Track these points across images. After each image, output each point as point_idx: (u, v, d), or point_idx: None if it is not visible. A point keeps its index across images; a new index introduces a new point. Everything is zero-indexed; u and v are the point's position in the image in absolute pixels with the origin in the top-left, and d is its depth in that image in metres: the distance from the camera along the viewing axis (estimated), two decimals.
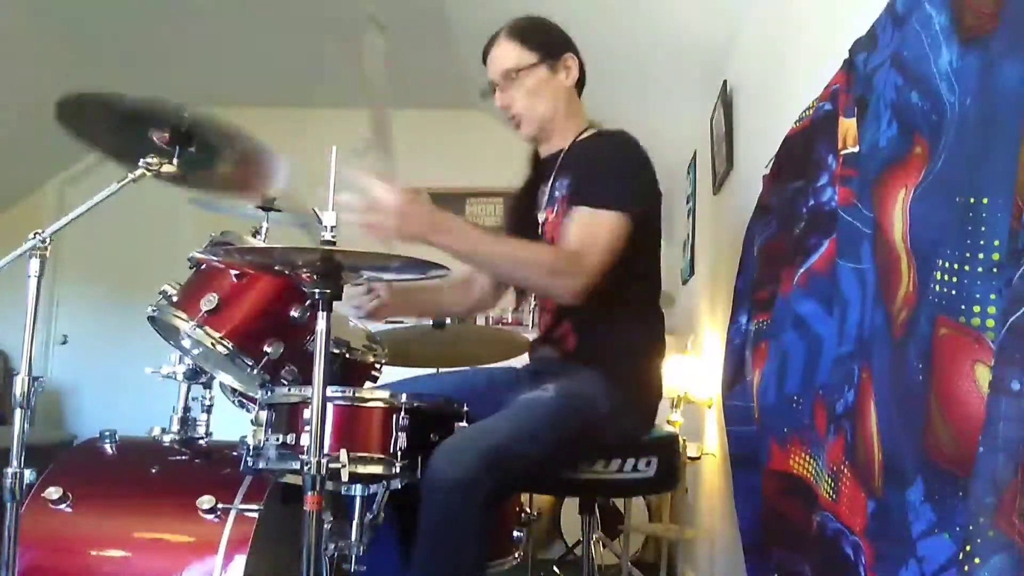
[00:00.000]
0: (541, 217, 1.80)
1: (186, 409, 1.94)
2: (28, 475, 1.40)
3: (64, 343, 5.17)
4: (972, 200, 0.84)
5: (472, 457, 1.37)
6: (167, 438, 1.89)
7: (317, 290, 1.25)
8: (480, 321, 4.54)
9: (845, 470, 1.16)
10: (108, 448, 1.87)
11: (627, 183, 1.65)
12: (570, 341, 1.71)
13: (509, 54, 1.76)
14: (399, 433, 1.44)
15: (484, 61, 1.82)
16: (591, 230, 1.61)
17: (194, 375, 1.91)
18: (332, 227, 1.22)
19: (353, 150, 1.44)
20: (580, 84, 1.82)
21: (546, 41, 1.79)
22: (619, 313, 1.69)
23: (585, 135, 1.78)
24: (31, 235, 1.41)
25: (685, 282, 3.92)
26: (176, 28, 4.16)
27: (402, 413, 1.46)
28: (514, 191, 1.94)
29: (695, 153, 3.65)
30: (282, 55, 4.25)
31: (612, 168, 1.68)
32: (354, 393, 1.48)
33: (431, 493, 1.37)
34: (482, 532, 1.39)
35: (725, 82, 2.79)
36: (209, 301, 1.67)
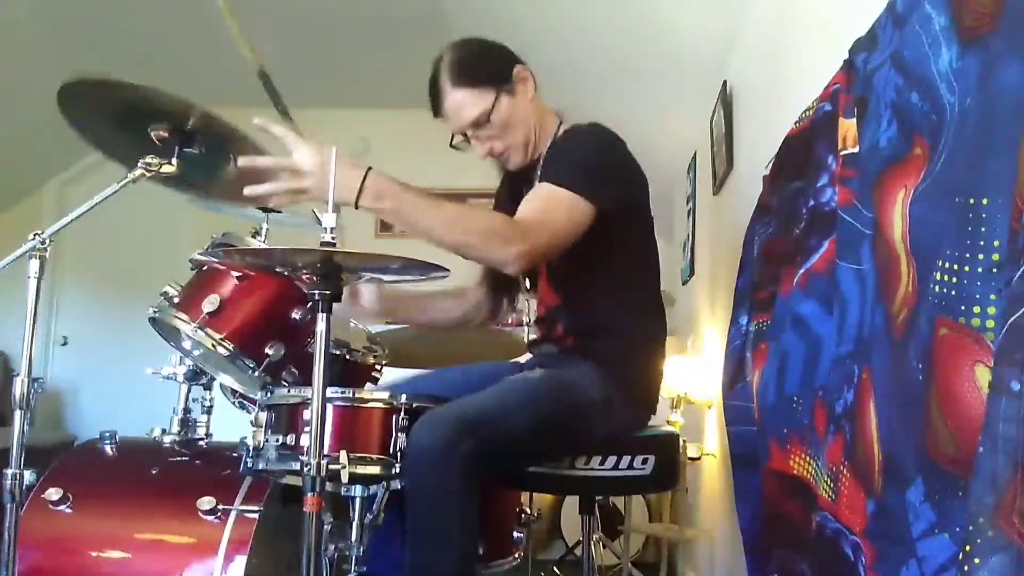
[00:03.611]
0: None
1: (186, 410, 1.94)
2: (28, 476, 1.40)
3: (64, 344, 5.18)
4: (972, 200, 0.84)
5: (447, 423, 1.39)
6: (167, 439, 1.89)
7: (317, 291, 1.26)
8: None
9: (844, 470, 1.16)
10: (108, 449, 1.87)
11: (592, 172, 1.59)
12: (568, 340, 1.71)
13: (465, 104, 1.66)
14: (399, 434, 1.45)
15: (435, 115, 1.72)
16: (545, 204, 1.56)
17: (194, 376, 1.91)
18: (332, 228, 1.22)
19: (352, 150, 1.44)
20: (535, 85, 1.74)
21: (492, 69, 1.68)
22: (615, 310, 1.68)
23: (561, 134, 1.74)
24: (30, 236, 1.41)
25: (685, 282, 3.92)
26: (176, 29, 4.16)
27: (402, 414, 1.46)
28: (497, 195, 1.90)
29: (695, 153, 3.65)
30: (281, 55, 4.26)
31: (579, 155, 1.64)
32: (354, 394, 1.49)
33: (412, 463, 1.39)
34: (466, 498, 1.38)
35: (725, 82, 2.79)
36: (211, 303, 1.67)
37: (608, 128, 1.68)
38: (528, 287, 1.85)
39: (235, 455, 1.69)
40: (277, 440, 1.47)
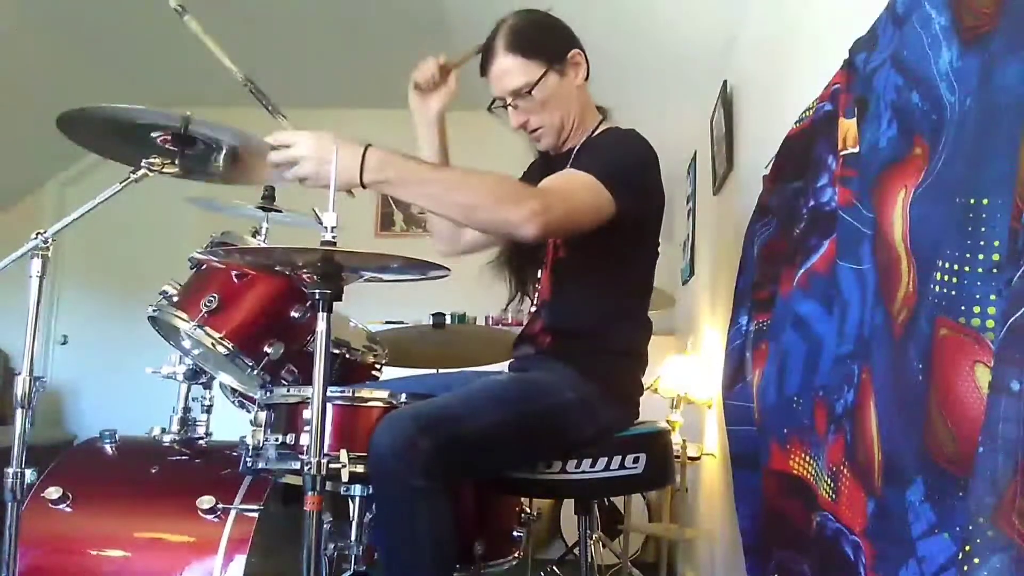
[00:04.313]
0: None
1: (186, 409, 1.94)
2: (28, 475, 1.40)
3: (64, 343, 5.18)
4: (972, 200, 0.84)
5: (406, 422, 1.36)
6: (167, 438, 1.90)
7: (317, 290, 1.26)
8: (480, 321, 4.55)
9: (845, 470, 1.16)
10: (108, 448, 1.87)
11: (621, 174, 1.57)
12: (545, 339, 1.69)
13: (514, 71, 1.64)
14: None
15: (482, 74, 1.69)
16: (569, 180, 1.54)
17: (194, 375, 1.92)
18: (332, 227, 1.22)
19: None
20: (587, 74, 1.73)
21: (549, 45, 1.66)
22: (597, 317, 1.66)
23: (599, 131, 1.73)
24: (33, 235, 1.41)
25: (685, 282, 3.92)
26: (177, 29, 4.16)
27: None
28: (525, 175, 1.86)
29: (695, 153, 3.66)
30: (281, 55, 4.26)
31: (613, 155, 1.63)
32: (354, 393, 1.49)
33: (375, 464, 1.37)
34: (434, 495, 1.35)
35: (725, 82, 2.80)
36: (209, 301, 1.68)
37: (647, 140, 1.67)
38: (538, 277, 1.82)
39: (235, 454, 1.69)
40: (277, 439, 1.47)
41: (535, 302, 1.80)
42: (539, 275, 1.79)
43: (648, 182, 1.65)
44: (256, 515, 1.65)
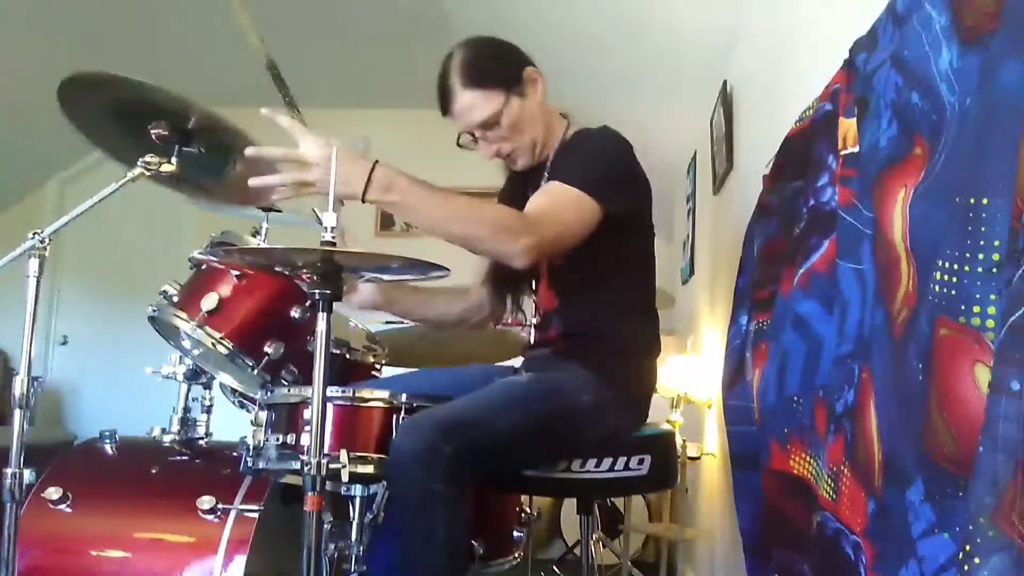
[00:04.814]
0: None
1: (186, 409, 1.94)
2: (28, 475, 1.40)
3: (64, 343, 5.18)
4: (972, 200, 0.84)
5: (428, 427, 1.37)
6: (167, 438, 1.90)
7: (317, 291, 1.26)
8: None
9: (845, 470, 1.16)
10: (108, 448, 1.87)
11: (602, 174, 1.59)
12: (561, 343, 1.70)
13: (475, 105, 1.64)
14: None
15: (444, 114, 1.70)
16: (554, 199, 1.56)
17: (194, 375, 1.92)
18: (332, 228, 1.22)
19: (351, 149, 1.44)
20: (545, 87, 1.72)
21: (503, 70, 1.66)
22: (609, 315, 1.67)
23: (569, 135, 1.74)
24: (30, 235, 1.41)
25: (685, 282, 3.92)
26: (177, 29, 4.16)
27: (402, 413, 1.46)
28: (501, 194, 1.88)
29: (695, 153, 3.65)
30: (281, 55, 4.26)
31: (590, 157, 1.63)
32: (354, 393, 1.49)
33: (395, 470, 1.37)
34: (452, 500, 1.36)
35: (725, 82, 2.79)
36: (209, 301, 1.68)
37: (618, 132, 1.67)
38: (533, 289, 1.83)
39: (235, 454, 1.69)
40: (277, 439, 1.47)
41: (536, 313, 1.80)
42: (534, 286, 1.80)
43: (631, 175, 1.66)
44: (256, 515, 1.65)
